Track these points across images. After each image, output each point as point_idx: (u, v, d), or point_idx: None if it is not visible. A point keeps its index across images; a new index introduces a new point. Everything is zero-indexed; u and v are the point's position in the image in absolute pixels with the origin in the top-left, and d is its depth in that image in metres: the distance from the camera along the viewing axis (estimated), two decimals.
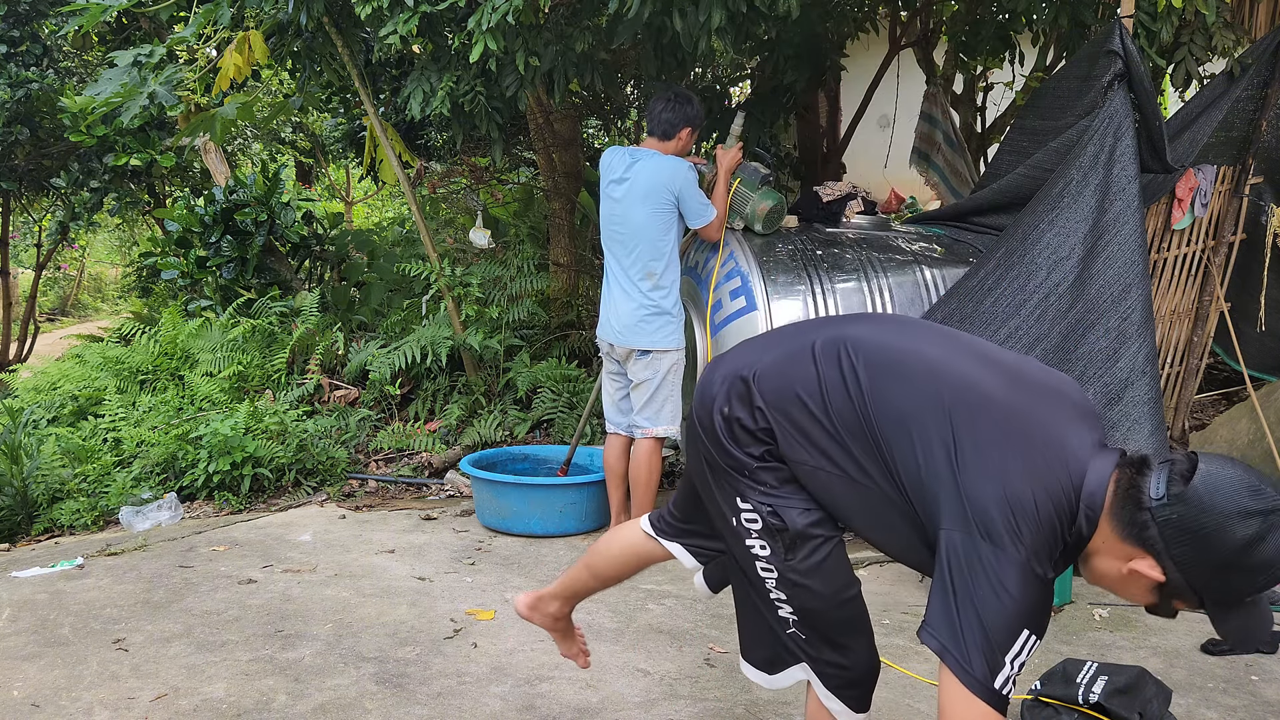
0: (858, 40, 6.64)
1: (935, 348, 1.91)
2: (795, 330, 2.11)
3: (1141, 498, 1.69)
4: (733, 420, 1.97)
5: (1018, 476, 1.71)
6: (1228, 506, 1.61)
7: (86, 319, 15.71)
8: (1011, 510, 1.69)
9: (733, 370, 2.02)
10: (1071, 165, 4.18)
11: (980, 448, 1.74)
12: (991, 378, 1.85)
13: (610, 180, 4.25)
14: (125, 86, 5.73)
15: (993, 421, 1.77)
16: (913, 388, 1.84)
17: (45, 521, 5.21)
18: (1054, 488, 1.73)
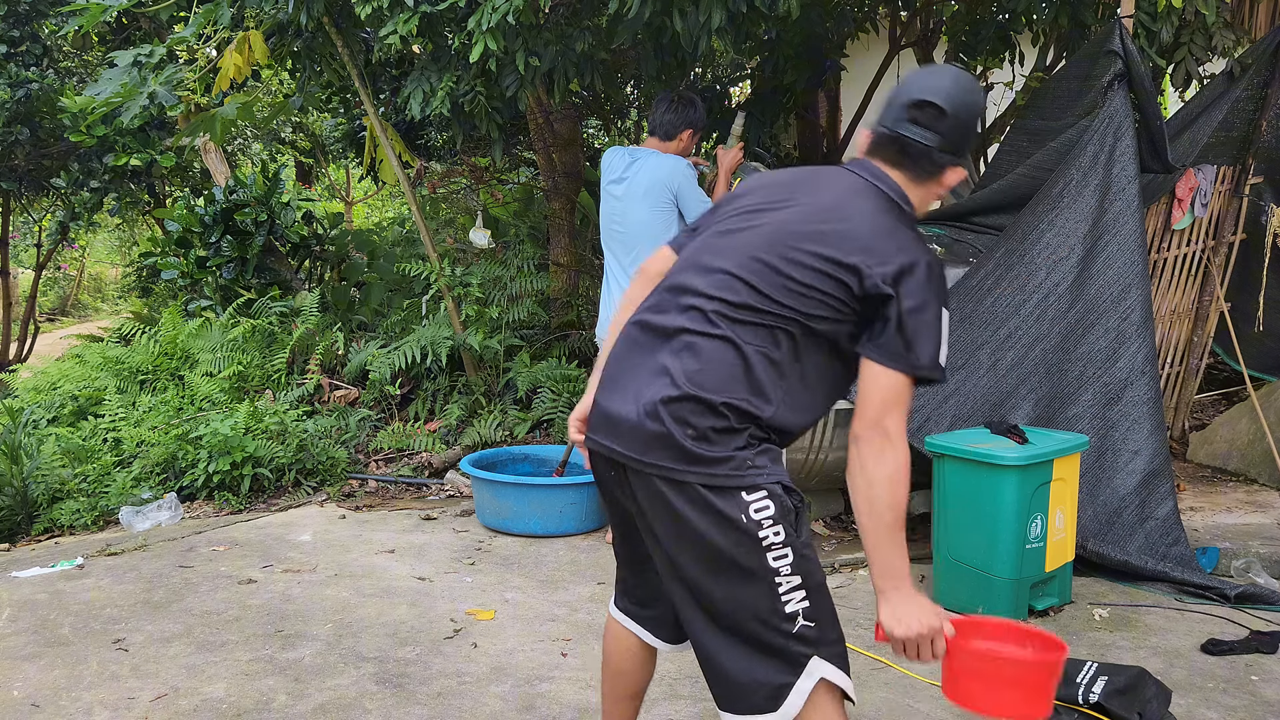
0: (858, 40, 6.64)
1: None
2: (640, 336, 2.06)
3: (928, 152, 2.09)
4: (704, 431, 1.90)
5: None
6: (971, 99, 2.10)
7: (86, 319, 15.71)
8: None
9: (647, 401, 1.94)
10: (1071, 165, 4.18)
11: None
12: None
13: (610, 179, 4.26)
14: (125, 86, 5.73)
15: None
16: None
17: (45, 521, 5.21)
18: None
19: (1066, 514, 3.69)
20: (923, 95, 2.07)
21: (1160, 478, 4.04)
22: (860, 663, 3.24)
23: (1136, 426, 4.06)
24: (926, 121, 2.06)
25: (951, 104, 2.06)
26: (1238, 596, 3.75)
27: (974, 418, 4.03)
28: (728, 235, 2.08)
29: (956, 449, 3.61)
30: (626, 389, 2.00)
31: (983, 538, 3.57)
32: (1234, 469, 5.41)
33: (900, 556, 1.90)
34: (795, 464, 4.28)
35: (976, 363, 4.10)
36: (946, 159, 2.11)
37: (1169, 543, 3.98)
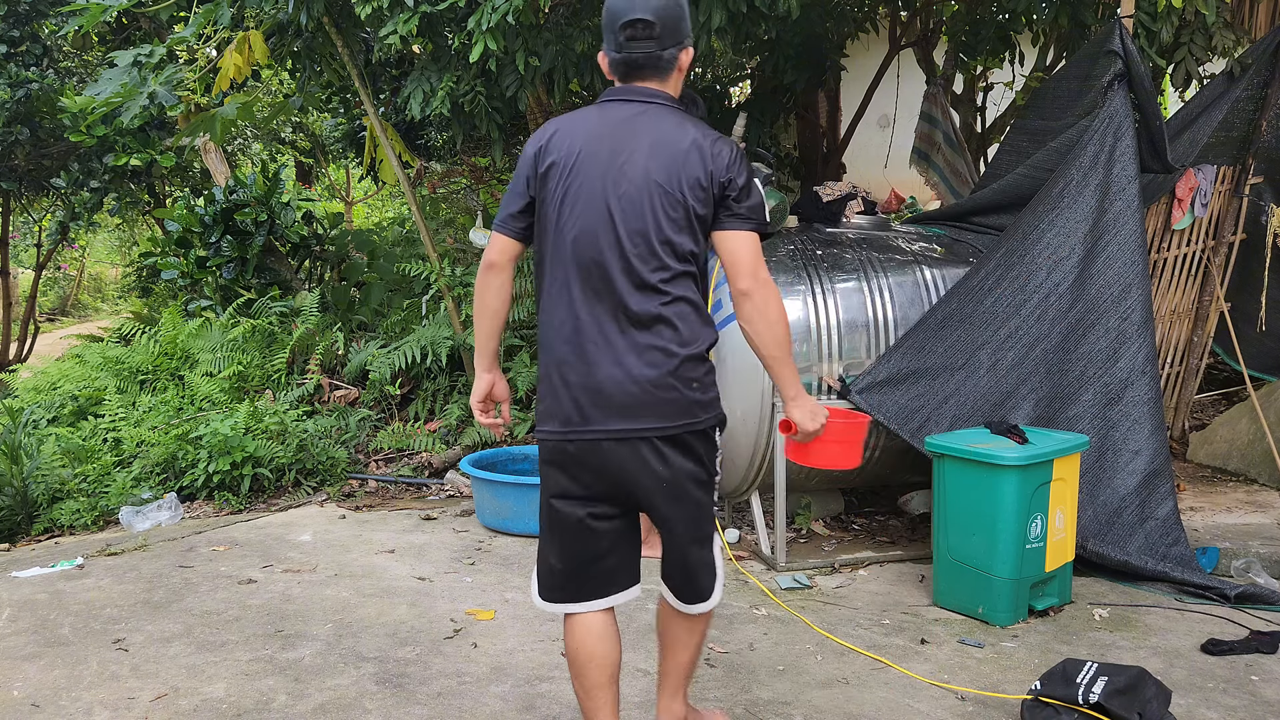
0: (858, 40, 6.64)
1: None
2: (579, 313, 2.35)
3: (658, 56, 2.36)
4: (690, 380, 2.32)
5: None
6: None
7: (86, 319, 15.71)
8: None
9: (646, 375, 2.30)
10: (1071, 165, 4.18)
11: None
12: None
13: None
14: (125, 86, 5.73)
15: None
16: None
17: (45, 521, 5.21)
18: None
19: (1066, 514, 3.69)
20: (630, 15, 2.35)
21: (1160, 478, 4.04)
22: (860, 663, 3.24)
23: (1137, 426, 4.06)
24: (644, 35, 2.35)
25: (654, 13, 2.34)
26: (1238, 596, 3.75)
27: (974, 418, 4.03)
28: (594, 203, 2.32)
29: (956, 449, 3.61)
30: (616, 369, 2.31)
31: (983, 538, 3.57)
32: (1234, 469, 5.41)
33: (796, 372, 2.41)
34: (795, 464, 4.28)
35: (977, 363, 4.10)
36: (674, 51, 2.40)
37: (1169, 543, 3.98)
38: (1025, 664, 3.24)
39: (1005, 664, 3.25)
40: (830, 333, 4.18)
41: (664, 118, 2.36)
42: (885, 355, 4.12)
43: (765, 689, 3.05)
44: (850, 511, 4.93)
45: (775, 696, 3.00)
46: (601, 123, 2.38)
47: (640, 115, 2.36)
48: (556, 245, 2.34)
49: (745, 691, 3.03)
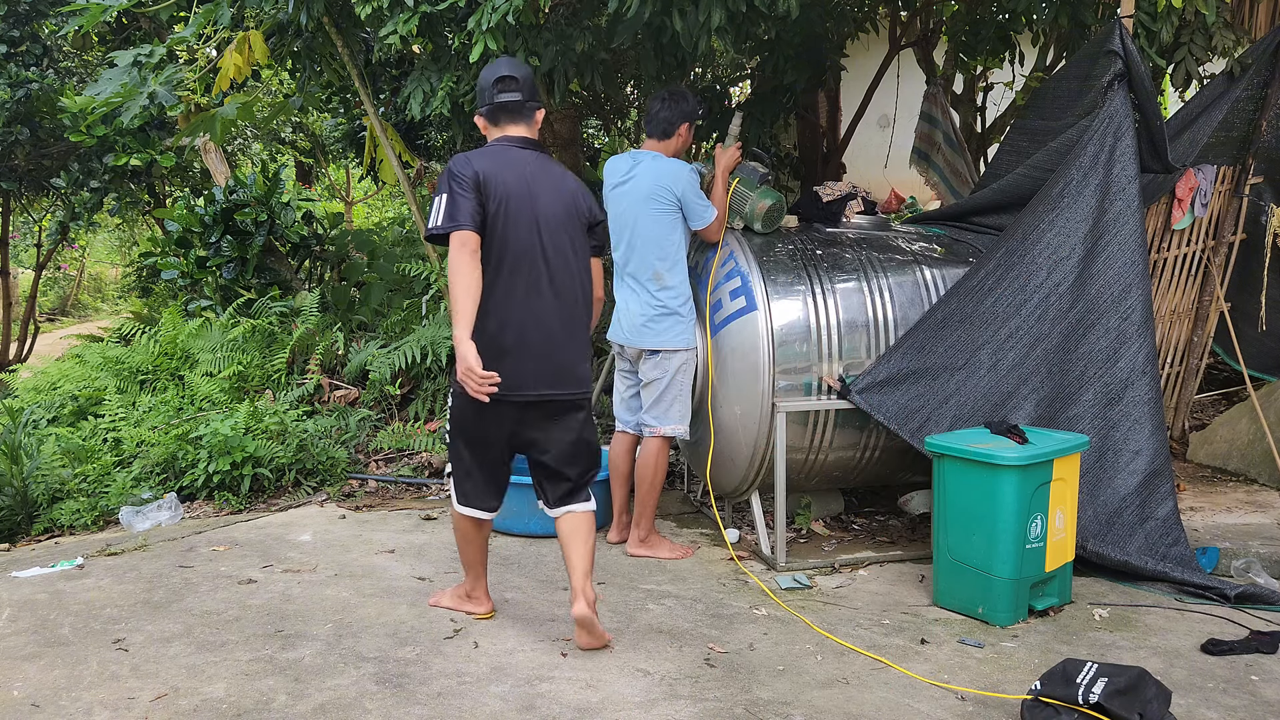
0: (858, 40, 6.64)
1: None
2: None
3: (521, 105, 3.30)
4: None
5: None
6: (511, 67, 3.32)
7: (86, 319, 15.71)
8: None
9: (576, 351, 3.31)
10: (1071, 165, 4.18)
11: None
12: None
13: (614, 184, 4.27)
14: (125, 86, 5.73)
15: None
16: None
17: (45, 521, 5.21)
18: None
19: (1066, 514, 3.69)
20: (503, 73, 3.25)
21: (1160, 478, 4.04)
22: (860, 663, 3.24)
23: (1137, 426, 4.06)
24: (514, 88, 3.25)
25: (519, 70, 3.28)
26: (1238, 596, 3.75)
27: (974, 418, 4.03)
28: (534, 219, 3.21)
29: (957, 449, 3.61)
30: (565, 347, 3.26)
31: (983, 538, 3.57)
32: (1234, 469, 5.41)
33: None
34: (795, 464, 4.28)
35: (977, 363, 4.10)
36: (534, 105, 3.31)
37: (1169, 543, 3.98)
38: (1025, 664, 3.24)
39: (1005, 664, 3.25)
40: (830, 333, 4.18)
41: (549, 165, 3.31)
42: (885, 355, 4.12)
43: (765, 689, 3.05)
44: (850, 511, 4.93)
45: (775, 696, 3.00)
46: (512, 163, 3.23)
47: (534, 160, 3.26)
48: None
49: (745, 691, 3.03)
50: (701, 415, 4.43)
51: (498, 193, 3.13)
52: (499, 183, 3.14)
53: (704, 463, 4.44)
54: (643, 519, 4.29)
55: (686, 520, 4.87)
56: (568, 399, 3.27)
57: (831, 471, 4.43)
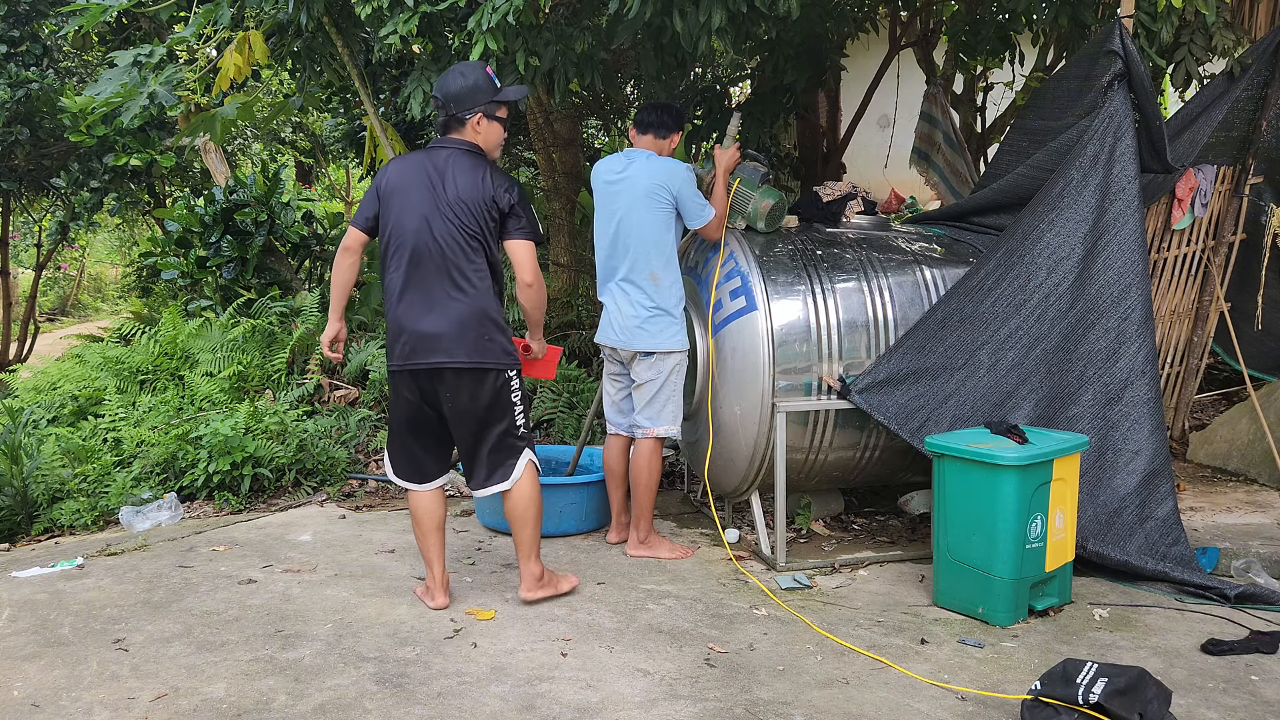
0: (858, 40, 6.64)
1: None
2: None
3: (450, 118, 3.60)
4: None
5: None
6: (450, 82, 3.60)
7: (86, 319, 15.71)
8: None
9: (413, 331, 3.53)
10: (1071, 165, 4.18)
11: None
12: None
13: (606, 181, 4.25)
14: (125, 86, 5.72)
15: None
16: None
17: (45, 521, 5.21)
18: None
19: (1066, 514, 3.69)
20: (435, 93, 3.61)
21: (1160, 478, 4.04)
22: (860, 663, 3.24)
23: (1137, 426, 4.06)
24: (442, 105, 3.58)
25: (442, 91, 3.57)
26: (1238, 596, 3.75)
27: (974, 418, 4.03)
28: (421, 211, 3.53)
29: (956, 449, 3.61)
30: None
31: (983, 538, 3.57)
32: (1234, 469, 5.41)
33: (541, 325, 3.89)
34: (795, 464, 4.29)
35: (977, 363, 4.10)
36: (466, 114, 3.56)
37: (1169, 543, 3.98)
38: (1025, 664, 3.24)
39: (1005, 664, 3.25)
40: (830, 333, 4.18)
41: (460, 161, 3.55)
42: (885, 355, 4.12)
43: (765, 689, 3.05)
44: (850, 511, 4.93)
45: (775, 696, 3.00)
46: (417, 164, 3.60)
47: (444, 159, 3.55)
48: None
49: (745, 691, 3.03)
50: (701, 415, 4.43)
51: (386, 192, 3.58)
52: (392, 185, 3.57)
53: (704, 463, 4.44)
54: (641, 520, 4.29)
55: (686, 520, 4.87)
56: (443, 367, 3.49)
57: (831, 471, 4.43)
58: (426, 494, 3.70)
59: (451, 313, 3.47)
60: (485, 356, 3.49)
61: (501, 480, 3.61)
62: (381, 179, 3.60)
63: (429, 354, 3.47)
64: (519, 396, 3.61)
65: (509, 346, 3.57)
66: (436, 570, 3.69)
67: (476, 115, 3.56)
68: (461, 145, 3.56)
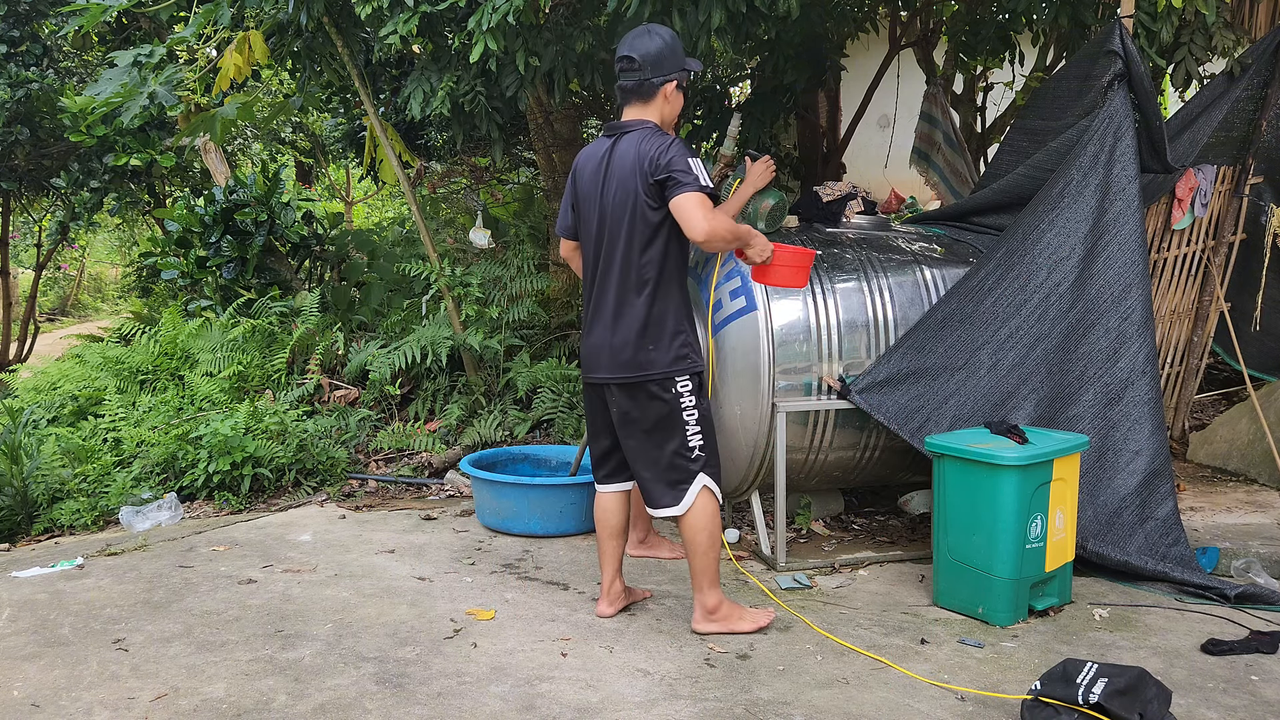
0: (858, 40, 6.64)
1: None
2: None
3: (641, 84, 3.28)
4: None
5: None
6: (647, 42, 3.27)
7: (86, 319, 15.71)
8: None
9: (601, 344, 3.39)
10: (1071, 165, 4.18)
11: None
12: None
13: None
14: (125, 86, 5.72)
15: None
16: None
17: (45, 521, 5.21)
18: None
19: (1066, 514, 3.69)
20: (621, 52, 3.27)
21: (1160, 478, 4.04)
22: (860, 663, 3.24)
23: (1137, 426, 4.06)
24: (628, 67, 3.25)
25: (637, 51, 3.23)
26: (1238, 596, 3.75)
27: (974, 418, 4.03)
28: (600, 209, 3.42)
29: (956, 449, 3.61)
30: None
31: (983, 538, 3.57)
32: (1234, 469, 5.41)
33: (742, 235, 3.33)
34: (795, 464, 4.29)
35: (977, 363, 4.10)
36: (661, 79, 3.26)
37: (1169, 543, 3.98)
38: (1025, 664, 3.24)
39: (1005, 664, 3.25)
40: (830, 333, 4.18)
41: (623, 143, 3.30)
42: (885, 355, 4.12)
43: (765, 689, 3.05)
44: (850, 511, 4.93)
45: (775, 696, 3.00)
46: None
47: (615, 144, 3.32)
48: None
49: (745, 691, 3.03)
50: None
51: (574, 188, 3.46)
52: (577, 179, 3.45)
53: None
54: (639, 520, 4.29)
55: None
56: (618, 382, 3.31)
57: (831, 471, 4.43)
58: (604, 496, 3.59)
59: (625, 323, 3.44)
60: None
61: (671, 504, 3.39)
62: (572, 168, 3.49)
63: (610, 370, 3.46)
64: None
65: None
66: (605, 577, 3.59)
67: (672, 81, 3.27)
68: (635, 126, 3.28)
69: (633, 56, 3.21)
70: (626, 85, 3.27)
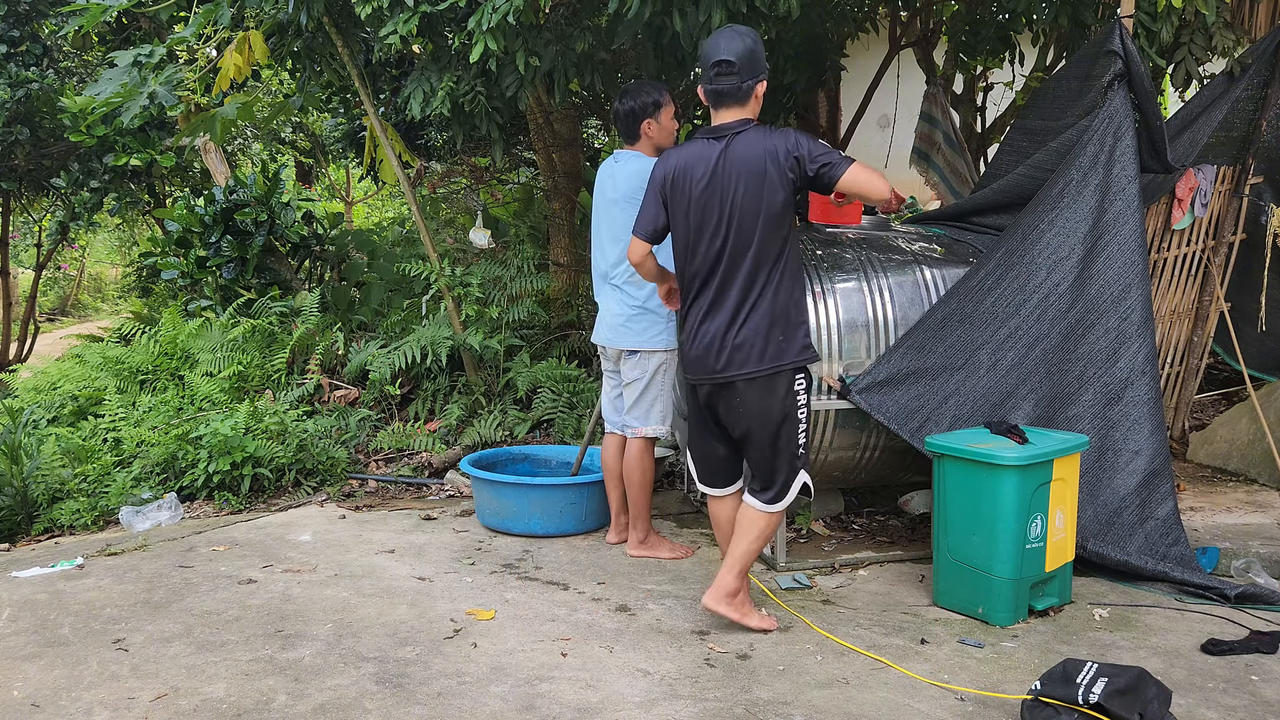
0: (858, 40, 6.63)
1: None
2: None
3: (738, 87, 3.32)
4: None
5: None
6: (738, 43, 3.29)
7: (86, 319, 15.71)
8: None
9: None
10: (1071, 165, 4.18)
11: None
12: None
13: (598, 185, 4.27)
14: (125, 86, 5.73)
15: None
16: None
17: (45, 521, 5.21)
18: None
19: (1066, 514, 3.69)
20: (720, 56, 3.27)
21: (1160, 478, 4.04)
22: (860, 663, 3.24)
23: (1137, 426, 4.06)
24: (726, 71, 3.27)
25: (734, 53, 3.26)
26: (1238, 596, 3.75)
27: (974, 418, 4.03)
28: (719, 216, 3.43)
29: (956, 449, 3.61)
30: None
31: (983, 538, 3.57)
32: (1234, 469, 5.41)
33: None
34: None
35: (977, 362, 4.10)
36: (753, 82, 3.31)
37: (1169, 543, 3.98)
38: (1025, 664, 3.24)
39: (1005, 664, 3.25)
40: (830, 333, 4.18)
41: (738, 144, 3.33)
42: (885, 355, 4.12)
43: (765, 689, 3.05)
44: (850, 511, 4.93)
45: (775, 696, 3.00)
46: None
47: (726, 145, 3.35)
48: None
49: (745, 691, 3.03)
50: None
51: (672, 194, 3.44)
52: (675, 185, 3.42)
53: None
54: (638, 520, 4.29)
55: (686, 520, 4.87)
56: (746, 377, 3.36)
57: (831, 471, 4.43)
58: (724, 501, 3.64)
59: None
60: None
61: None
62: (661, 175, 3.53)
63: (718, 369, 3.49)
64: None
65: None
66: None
67: (762, 82, 3.34)
68: (741, 126, 3.33)
69: (731, 60, 3.24)
70: (724, 89, 3.29)
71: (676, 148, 3.46)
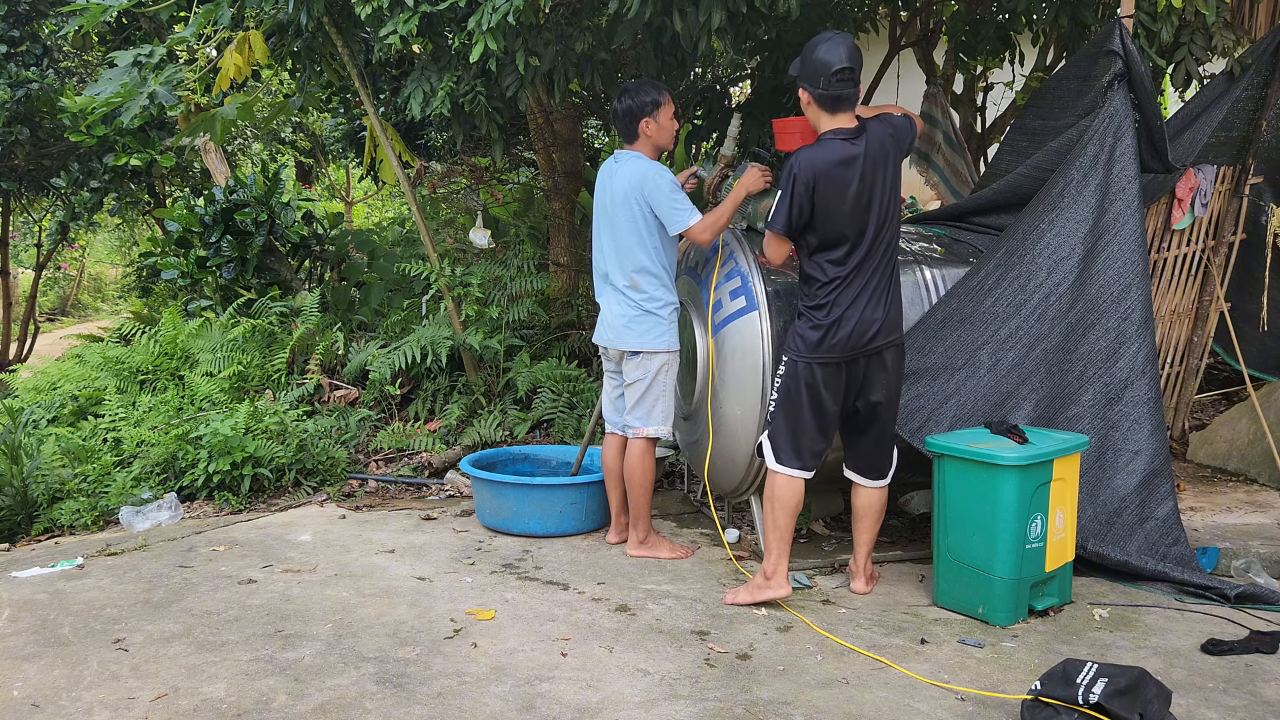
0: (858, 40, 6.62)
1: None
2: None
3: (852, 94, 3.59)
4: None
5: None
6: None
7: (86, 319, 15.71)
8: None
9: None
10: (1071, 165, 4.18)
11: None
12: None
13: (599, 185, 4.27)
14: (125, 86, 5.73)
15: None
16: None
17: (45, 521, 5.21)
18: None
19: (1066, 514, 3.69)
20: (845, 64, 3.49)
21: (1160, 478, 4.04)
22: (860, 663, 3.24)
23: (1137, 426, 4.06)
24: (849, 78, 3.53)
25: (857, 63, 3.53)
26: (1238, 596, 3.75)
27: (974, 418, 4.03)
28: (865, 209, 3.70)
29: (956, 449, 3.61)
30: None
31: (983, 538, 3.57)
32: (1234, 469, 5.41)
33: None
34: None
35: (977, 363, 4.10)
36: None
37: (1169, 543, 3.98)
38: (1025, 664, 3.24)
39: (1005, 664, 3.25)
40: None
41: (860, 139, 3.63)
42: None
43: (765, 689, 3.05)
44: (849, 512, 4.92)
45: (775, 696, 3.00)
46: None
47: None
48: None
49: (745, 691, 3.03)
50: (701, 415, 4.43)
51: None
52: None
53: (704, 463, 4.44)
54: (639, 520, 4.29)
55: (686, 520, 4.87)
56: (894, 343, 3.73)
57: (832, 471, 4.43)
58: (797, 482, 3.84)
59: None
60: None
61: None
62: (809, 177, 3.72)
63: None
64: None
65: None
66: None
67: (862, 85, 3.67)
68: (871, 120, 3.67)
69: (853, 68, 3.49)
70: (847, 95, 3.53)
71: (811, 149, 3.59)
